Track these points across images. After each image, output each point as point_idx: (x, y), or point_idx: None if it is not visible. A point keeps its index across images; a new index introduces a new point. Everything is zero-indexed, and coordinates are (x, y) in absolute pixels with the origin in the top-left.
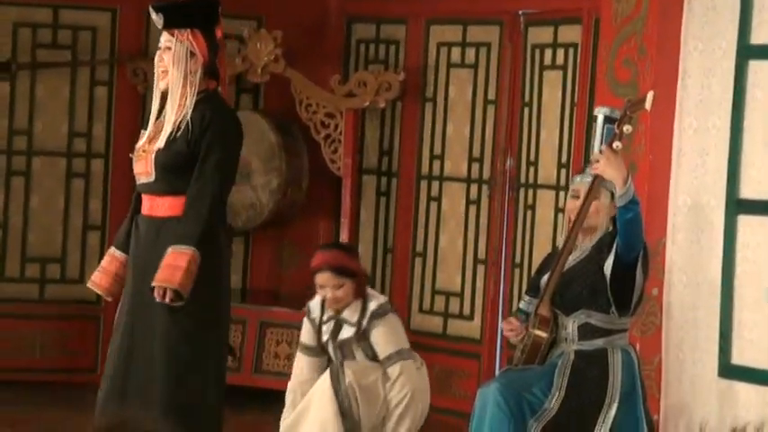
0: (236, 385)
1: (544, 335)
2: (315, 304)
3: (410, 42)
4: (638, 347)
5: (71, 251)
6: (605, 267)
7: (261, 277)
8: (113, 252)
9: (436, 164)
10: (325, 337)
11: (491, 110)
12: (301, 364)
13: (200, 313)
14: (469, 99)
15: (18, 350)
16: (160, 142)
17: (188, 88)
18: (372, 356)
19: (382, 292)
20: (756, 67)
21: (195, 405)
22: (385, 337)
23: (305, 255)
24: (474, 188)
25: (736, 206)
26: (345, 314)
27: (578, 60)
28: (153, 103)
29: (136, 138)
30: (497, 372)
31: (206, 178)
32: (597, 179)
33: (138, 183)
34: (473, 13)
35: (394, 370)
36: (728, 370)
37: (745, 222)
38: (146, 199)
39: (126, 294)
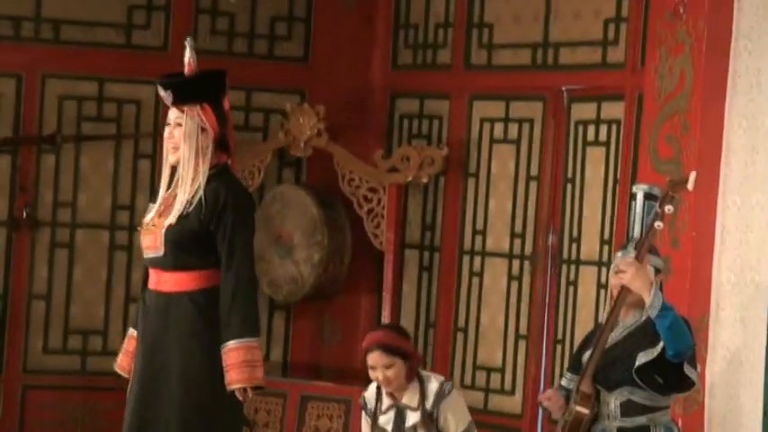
0: None
1: (586, 411)
2: (370, 395)
3: (453, 117)
4: (680, 424)
5: (113, 323)
6: (639, 356)
7: (302, 351)
8: (132, 333)
9: (478, 239)
10: (389, 428)
11: (533, 185)
12: None
13: (213, 385)
14: (512, 174)
15: (60, 422)
16: (172, 218)
17: (200, 164)
18: None
19: (424, 366)
20: None
21: None
22: (454, 416)
23: (346, 329)
24: (516, 264)
25: None
26: (405, 400)
27: (621, 137)
28: (162, 177)
29: None
30: None
31: (241, 267)
32: (624, 289)
33: (145, 256)
34: (516, 89)
35: None
36: None
37: None
38: (153, 273)
39: (135, 370)
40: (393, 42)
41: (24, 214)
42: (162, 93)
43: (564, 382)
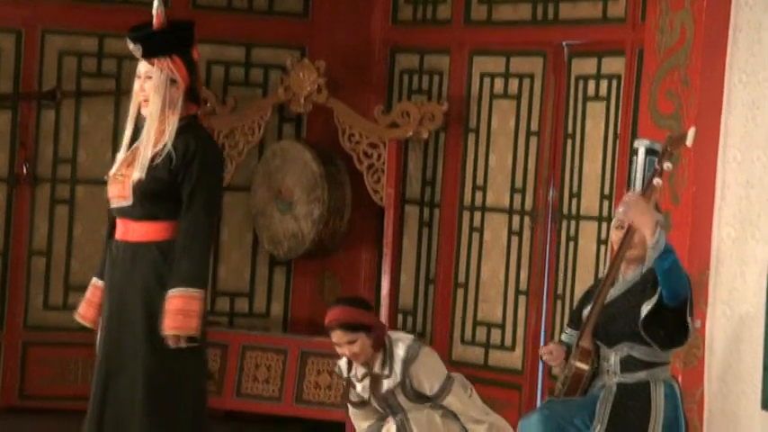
0: (278, 415)
1: (586, 367)
2: (342, 364)
3: (453, 73)
4: (680, 380)
5: None
6: (642, 308)
7: (302, 307)
8: (96, 282)
9: (479, 194)
10: (365, 395)
11: (534, 141)
12: (357, 418)
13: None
14: (512, 130)
15: (60, 378)
16: (141, 169)
17: (170, 116)
18: (417, 396)
19: (424, 322)
20: None
21: (173, 418)
22: (427, 377)
23: (347, 285)
24: (516, 219)
25: None
26: (377, 368)
27: (621, 92)
28: (127, 128)
29: None
30: (539, 403)
31: (198, 216)
32: (631, 229)
33: (112, 206)
34: (516, 44)
35: (450, 403)
36: None
37: None
38: (120, 223)
39: (103, 319)
40: None
41: (25, 170)
42: (131, 46)
43: (564, 338)
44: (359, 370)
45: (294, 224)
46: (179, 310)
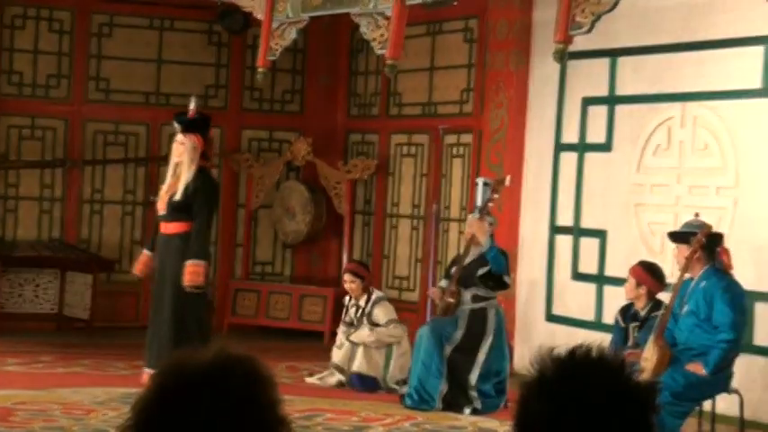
0: (287, 327)
1: (453, 300)
2: (346, 299)
3: (380, 144)
4: (503, 306)
5: None
6: (478, 272)
7: (300, 270)
8: (145, 251)
9: (395, 208)
10: (351, 313)
11: (425, 180)
12: (341, 327)
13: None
14: (413, 174)
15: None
16: (177, 194)
17: (192, 167)
18: (374, 324)
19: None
20: (565, 156)
21: (188, 331)
22: (381, 312)
23: (324, 258)
24: (415, 221)
25: (555, 230)
26: (360, 302)
27: (471, 153)
28: (169, 170)
29: (236, 193)
30: (427, 319)
31: (201, 221)
32: (473, 237)
33: (157, 214)
34: (415, 127)
35: (389, 326)
36: (551, 318)
37: (559, 240)
38: (161, 224)
39: (154, 279)
40: (348, 102)
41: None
42: (175, 124)
43: (442, 284)
44: (352, 302)
45: (296, 225)
46: (192, 272)
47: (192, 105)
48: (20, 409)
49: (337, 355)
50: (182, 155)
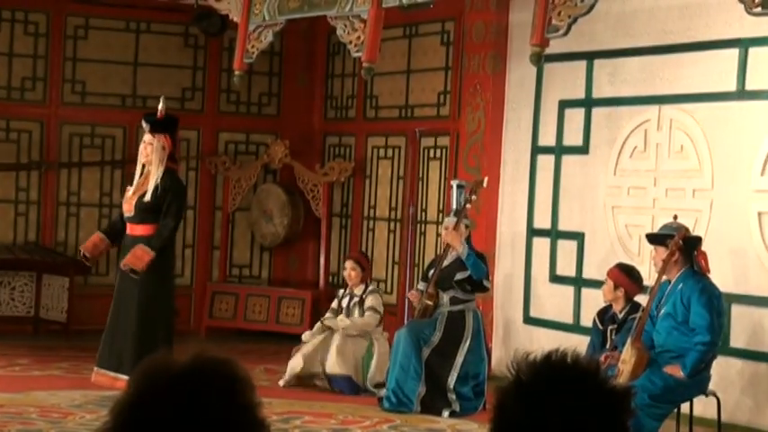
0: (265, 330)
1: (431, 303)
2: (341, 291)
3: (357, 146)
4: (481, 308)
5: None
6: (456, 275)
7: (278, 273)
8: (98, 232)
9: (371, 211)
10: (345, 302)
11: (402, 182)
12: (327, 314)
13: (157, 287)
14: (389, 176)
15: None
16: (147, 195)
17: (160, 168)
18: (361, 311)
19: (342, 279)
20: (542, 159)
21: (154, 334)
22: (371, 299)
23: (301, 261)
24: (392, 224)
25: (532, 233)
26: (356, 292)
27: (448, 155)
28: (137, 171)
29: (213, 195)
30: (405, 321)
31: (168, 219)
32: (450, 243)
33: (124, 215)
34: (392, 129)
35: (367, 311)
36: (529, 320)
37: (537, 242)
38: (128, 225)
39: (117, 280)
40: (324, 105)
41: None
42: (144, 124)
43: (420, 286)
44: (348, 291)
45: (273, 228)
46: (138, 256)
47: (161, 106)
48: None
49: (306, 336)
50: (149, 155)
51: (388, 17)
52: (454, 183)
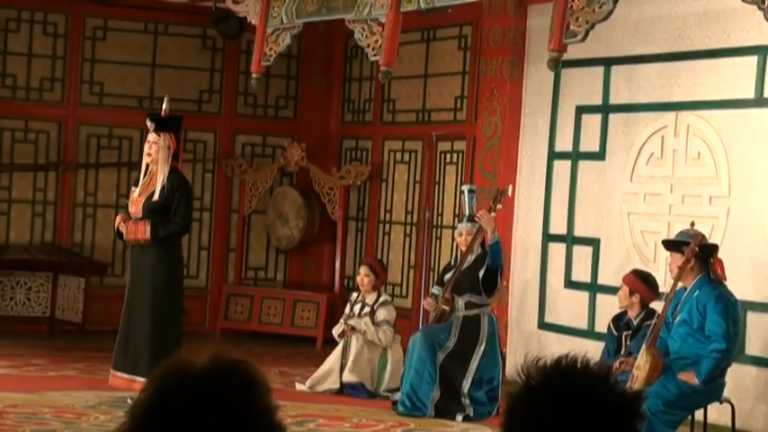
0: (279, 333)
1: (447, 308)
2: (354, 295)
3: (374, 150)
4: (495, 313)
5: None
6: (479, 273)
7: (293, 276)
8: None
9: (387, 215)
10: (356, 309)
11: (418, 186)
12: (341, 319)
13: (169, 288)
14: (405, 180)
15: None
16: (155, 195)
17: (165, 167)
18: (372, 321)
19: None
20: (558, 165)
21: (168, 335)
22: (383, 311)
23: (317, 264)
24: (408, 228)
25: (548, 238)
26: (368, 300)
27: (464, 159)
28: (141, 171)
29: (229, 198)
30: (420, 326)
31: (178, 218)
32: (480, 229)
33: (132, 217)
34: (409, 134)
35: (381, 326)
36: (544, 326)
37: (552, 247)
38: None
39: (128, 282)
40: (342, 109)
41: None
42: (148, 123)
43: (435, 291)
44: (360, 297)
45: (289, 231)
46: (135, 229)
47: (164, 105)
48: (11, 412)
49: (336, 330)
50: (154, 154)
51: (405, 21)
52: (465, 188)
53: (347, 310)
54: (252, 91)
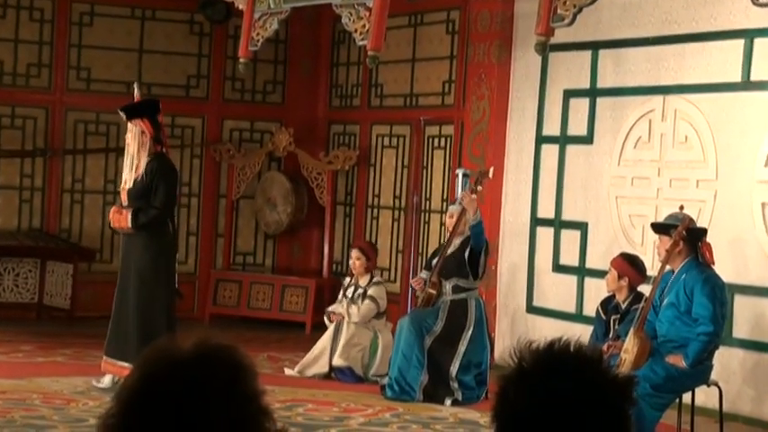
0: (268, 318)
1: (434, 291)
2: (347, 279)
3: (361, 134)
4: (483, 297)
5: None
6: (465, 255)
7: (282, 261)
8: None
9: (375, 199)
10: (349, 292)
11: (406, 170)
12: (338, 303)
13: (154, 272)
14: (393, 165)
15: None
16: (130, 184)
17: (143, 153)
18: (362, 301)
19: (346, 267)
20: (546, 149)
21: (155, 320)
22: (374, 290)
23: (305, 249)
24: (396, 212)
25: (536, 222)
26: (361, 282)
27: (452, 143)
28: (125, 161)
29: (217, 183)
30: (408, 310)
31: (157, 203)
32: (463, 211)
33: (123, 204)
34: (396, 118)
35: (366, 301)
36: (532, 309)
37: (541, 231)
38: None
39: (120, 264)
40: (329, 93)
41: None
42: (120, 113)
43: (423, 275)
44: (353, 281)
45: (277, 216)
46: (121, 218)
47: (135, 91)
48: None
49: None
50: (131, 143)
51: (393, 6)
52: (459, 171)
53: (340, 294)
54: (239, 76)
